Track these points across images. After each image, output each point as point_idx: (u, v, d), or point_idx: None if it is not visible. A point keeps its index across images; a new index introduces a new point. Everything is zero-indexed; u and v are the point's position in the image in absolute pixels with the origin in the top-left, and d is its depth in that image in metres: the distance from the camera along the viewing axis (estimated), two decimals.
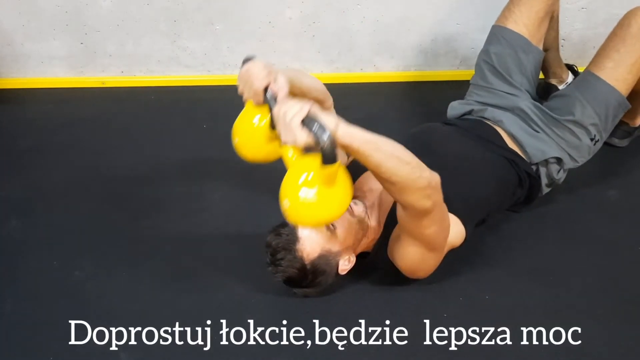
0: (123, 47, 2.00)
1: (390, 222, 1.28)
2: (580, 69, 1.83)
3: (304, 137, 0.94)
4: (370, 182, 1.37)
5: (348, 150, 1.00)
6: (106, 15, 1.93)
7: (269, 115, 1.08)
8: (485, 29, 1.66)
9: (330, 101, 1.33)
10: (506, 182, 1.41)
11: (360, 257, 1.34)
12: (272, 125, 1.06)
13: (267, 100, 1.04)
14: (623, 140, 1.74)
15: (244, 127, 1.16)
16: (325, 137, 0.92)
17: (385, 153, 1.02)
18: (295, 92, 1.16)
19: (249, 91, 1.09)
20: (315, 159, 0.95)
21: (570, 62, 1.89)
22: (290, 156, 1.03)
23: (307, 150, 0.96)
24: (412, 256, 1.22)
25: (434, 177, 1.08)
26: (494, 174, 1.39)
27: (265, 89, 1.07)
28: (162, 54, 2.02)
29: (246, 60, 1.10)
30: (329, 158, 0.94)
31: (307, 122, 0.93)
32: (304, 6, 1.93)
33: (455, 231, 1.26)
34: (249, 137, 1.15)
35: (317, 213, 1.00)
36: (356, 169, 1.39)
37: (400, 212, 1.15)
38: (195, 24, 1.96)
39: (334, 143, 0.93)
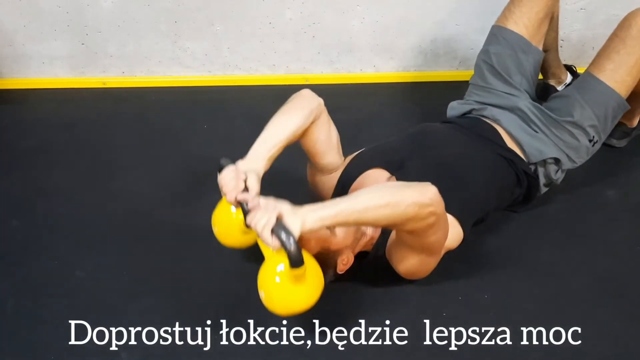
0: (124, 48, 2.00)
1: None
2: (579, 70, 1.84)
3: (275, 243, 1.03)
4: (368, 181, 1.37)
5: (329, 228, 1.07)
6: (107, 15, 1.93)
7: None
8: (484, 29, 1.66)
9: (314, 115, 1.31)
10: (504, 181, 1.41)
11: (360, 256, 1.34)
12: (247, 225, 1.15)
13: (241, 205, 1.14)
14: (621, 140, 1.75)
15: (221, 219, 1.25)
16: (290, 245, 1.02)
17: (369, 211, 1.05)
18: (287, 144, 1.26)
19: (225, 194, 1.16)
20: (285, 258, 1.05)
21: (569, 63, 1.89)
22: (266, 249, 1.11)
23: (280, 252, 1.05)
24: (412, 262, 1.23)
25: (427, 193, 1.08)
26: (492, 173, 1.39)
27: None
28: (163, 55, 2.03)
29: (220, 168, 1.18)
30: (294, 262, 1.03)
31: (275, 230, 1.02)
32: (304, 7, 1.94)
33: (453, 232, 1.26)
34: (226, 228, 1.25)
35: (289, 306, 1.11)
36: (356, 168, 1.40)
37: (401, 234, 1.16)
38: (195, 24, 1.97)
39: (298, 249, 1.02)
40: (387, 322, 1.28)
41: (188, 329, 1.28)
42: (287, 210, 1.04)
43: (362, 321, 1.29)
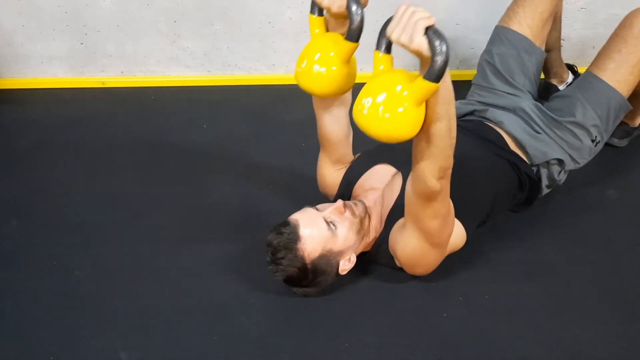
0: (123, 48, 2.00)
1: (392, 219, 1.29)
2: (580, 69, 1.84)
3: (423, 43, 0.91)
4: (372, 180, 1.37)
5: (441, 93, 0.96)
6: (106, 15, 1.93)
7: (346, 28, 1.05)
8: (484, 29, 1.66)
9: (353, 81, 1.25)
10: (507, 184, 1.41)
11: (361, 255, 1.34)
12: (351, 36, 1.03)
13: (352, 9, 1.02)
14: (622, 140, 1.75)
15: (315, 49, 1.09)
16: (445, 52, 0.89)
17: (450, 112, 1.00)
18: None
19: None
20: (409, 76, 0.93)
21: (570, 62, 1.89)
22: (379, 67, 0.99)
23: (419, 56, 0.92)
24: (414, 248, 1.22)
25: (451, 165, 1.09)
26: (495, 176, 1.39)
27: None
28: (162, 54, 2.02)
29: None
30: (439, 75, 0.91)
31: (431, 32, 0.89)
32: (303, 6, 1.93)
33: (456, 233, 1.27)
34: (322, 59, 1.09)
35: (394, 127, 0.96)
36: (362, 164, 1.40)
37: (408, 189, 1.15)
38: (195, 24, 1.97)
39: (447, 62, 0.90)
40: (387, 322, 1.28)
41: (188, 329, 1.28)
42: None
43: (362, 321, 1.29)
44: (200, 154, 1.77)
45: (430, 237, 1.20)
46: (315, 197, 1.47)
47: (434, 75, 0.91)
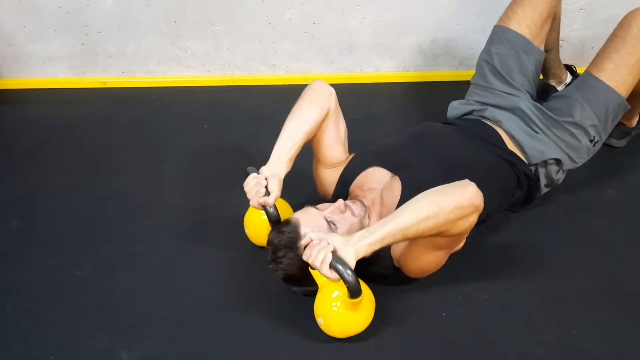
0: (124, 48, 2.01)
1: None
2: (579, 70, 1.84)
3: (333, 276, 1.10)
4: (370, 180, 1.37)
5: (383, 247, 1.12)
6: (107, 16, 1.94)
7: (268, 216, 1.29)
8: (484, 29, 1.66)
9: (326, 109, 1.38)
10: (505, 183, 1.41)
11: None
12: (271, 225, 1.29)
13: (264, 208, 1.27)
14: (621, 140, 1.75)
15: (251, 221, 1.40)
16: (349, 276, 1.09)
17: (417, 226, 1.10)
18: (305, 142, 1.33)
19: (250, 199, 1.27)
20: (342, 287, 1.13)
21: (569, 63, 1.89)
22: (321, 278, 1.18)
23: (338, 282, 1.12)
24: (429, 259, 1.24)
25: (467, 194, 1.12)
26: (493, 175, 1.39)
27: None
28: (163, 55, 2.03)
29: (245, 176, 1.30)
30: (354, 293, 1.12)
31: (333, 264, 1.09)
32: (303, 7, 1.94)
33: None
34: (256, 229, 1.39)
35: (346, 330, 1.22)
36: (357, 166, 1.40)
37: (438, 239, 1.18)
38: (195, 24, 1.97)
39: (357, 280, 1.10)
40: (387, 321, 1.28)
41: (188, 329, 1.28)
42: (340, 243, 1.11)
43: None
44: (200, 154, 1.77)
45: (450, 248, 1.24)
46: (315, 196, 1.47)
47: (353, 293, 1.12)
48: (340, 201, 1.28)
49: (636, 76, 1.44)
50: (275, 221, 1.28)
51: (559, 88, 1.83)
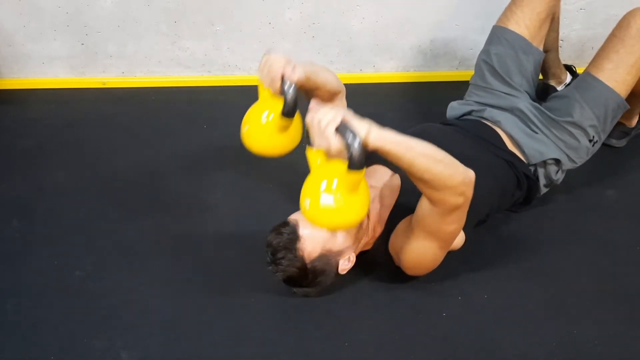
0: (124, 48, 2.01)
1: (393, 218, 1.29)
2: (579, 70, 1.84)
3: (337, 143, 1.00)
4: (371, 178, 1.37)
5: (381, 153, 1.05)
6: (107, 16, 1.94)
7: (282, 104, 1.14)
8: (484, 30, 1.66)
9: (342, 93, 1.37)
10: (505, 184, 1.42)
11: (360, 254, 1.34)
12: (285, 113, 1.13)
13: (283, 89, 1.11)
14: (620, 140, 1.75)
15: (256, 115, 1.19)
16: (356, 145, 0.97)
17: (418, 153, 1.06)
18: (310, 86, 1.23)
19: (266, 79, 1.14)
20: (341, 165, 1.01)
21: (569, 63, 1.89)
22: (317, 160, 1.07)
23: (339, 155, 1.00)
24: (423, 252, 1.23)
25: (468, 174, 1.11)
26: (493, 175, 1.39)
27: (283, 79, 1.13)
28: (163, 55, 2.03)
29: (267, 53, 1.16)
30: (356, 165, 0.99)
31: (340, 129, 0.98)
32: (303, 7, 1.94)
33: None
34: (260, 125, 1.18)
35: (336, 218, 1.05)
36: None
37: (426, 210, 1.16)
38: (195, 24, 1.97)
39: (363, 151, 0.98)
40: (387, 321, 1.28)
41: (188, 329, 1.28)
42: (352, 116, 1.02)
43: (362, 321, 1.29)
44: (200, 154, 1.77)
45: (443, 241, 1.22)
46: None
47: (355, 164, 0.99)
48: None
49: (635, 76, 1.44)
50: (293, 105, 1.12)
51: (559, 88, 1.83)
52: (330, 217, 1.05)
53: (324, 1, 1.94)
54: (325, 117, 1.00)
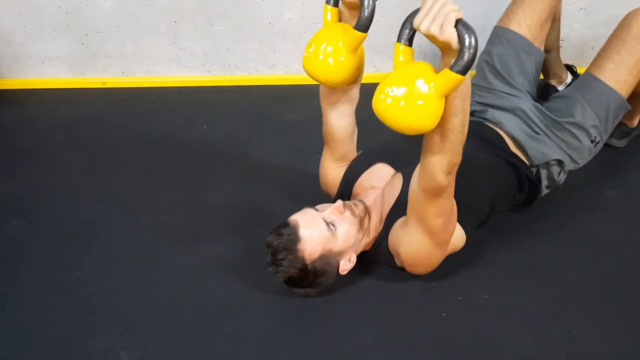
0: (123, 48, 2.00)
1: (392, 218, 1.29)
2: (579, 70, 1.84)
3: (454, 34, 0.91)
4: (372, 179, 1.37)
5: (453, 85, 0.96)
6: (106, 16, 1.93)
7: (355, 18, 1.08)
8: (484, 30, 1.65)
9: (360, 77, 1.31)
10: (506, 185, 1.41)
11: (361, 254, 1.34)
12: (359, 26, 1.06)
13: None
14: (621, 140, 1.75)
15: (324, 36, 1.13)
16: (474, 46, 0.89)
17: (466, 108, 1.02)
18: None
19: None
20: (430, 68, 0.93)
21: (569, 63, 1.89)
22: (400, 58, 0.99)
23: (446, 48, 0.92)
24: (417, 246, 1.23)
25: (459, 162, 1.12)
26: (496, 177, 1.39)
27: None
28: (163, 55, 2.03)
29: None
30: (466, 67, 0.91)
31: (463, 23, 0.90)
32: (303, 7, 1.94)
33: (456, 234, 1.27)
34: (329, 46, 1.12)
35: (415, 118, 0.97)
36: (361, 164, 1.40)
37: (414, 185, 1.16)
38: (195, 24, 1.97)
39: (475, 56, 0.91)
40: (387, 321, 1.28)
41: (188, 329, 1.28)
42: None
43: (362, 321, 1.29)
44: (200, 154, 1.77)
45: (433, 235, 1.20)
46: (315, 196, 1.47)
47: (462, 67, 0.91)
48: (339, 202, 1.28)
49: (637, 76, 1.44)
50: (367, 22, 1.07)
51: (560, 88, 1.83)
52: (409, 115, 0.96)
53: (324, 1, 1.93)
54: (449, 4, 0.90)
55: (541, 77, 1.79)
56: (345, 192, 1.40)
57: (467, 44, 0.90)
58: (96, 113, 1.95)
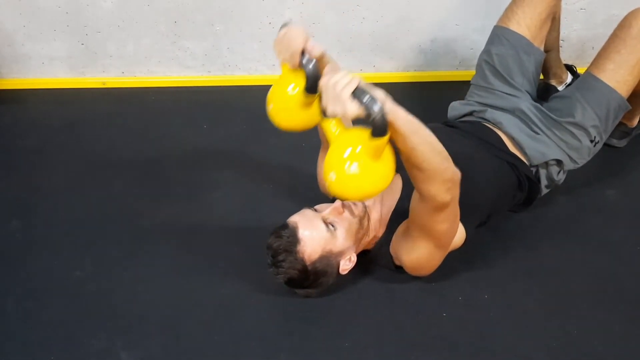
0: (123, 48, 2.00)
1: (394, 219, 1.29)
2: (579, 70, 1.84)
3: (354, 108, 0.94)
4: None
5: (390, 128, 0.99)
6: (107, 16, 1.93)
7: (304, 80, 1.10)
8: (484, 29, 1.66)
9: None
10: (506, 185, 1.41)
11: (361, 254, 1.34)
12: (308, 89, 1.08)
13: (303, 63, 1.06)
14: (621, 140, 1.75)
15: (279, 93, 1.16)
16: (376, 109, 0.92)
17: (422, 137, 1.04)
18: (324, 64, 1.16)
19: (285, 53, 1.10)
20: (361, 132, 0.95)
21: (569, 63, 1.89)
22: (333, 130, 1.02)
23: (356, 122, 0.95)
24: (421, 252, 1.23)
25: (457, 173, 1.11)
26: (495, 177, 1.39)
27: (303, 53, 1.09)
28: (163, 55, 2.03)
29: (284, 25, 1.12)
30: (380, 130, 0.93)
31: (358, 93, 0.92)
32: (303, 7, 1.94)
33: (457, 233, 1.27)
34: (284, 103, 1.15)
35: (364, 186, 1.00)
36: None
37: (416, 204, 1.16)
38: (195, 24, 1.97)
39: (385, 115, 0.93)
40: (387, 322, 1.28)
41: (188, 329, 1.28)
42: (367, 82, 0.96)
43: (363, 321, 1.29)
44: (200, 154, 1.77)
45: (437, 240, 1.21)
46: (315, 196, 1.47)
47: (378, 130, 0.94)
48: (338, 202, 1.28)
49: (637, 76, 1.44)
50: (314, 83, 1.08)
51: (560, 88, 1.83)
52: (358, 186, 1.00)
53: (324, 1, 1.93)
54: (341, 81, 0.94)
55: (541, 77, 1.79)
56: None
57: (370, 110, 0.92)
58: (96, 113, 1.95)
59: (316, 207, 1.31)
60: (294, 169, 1.68)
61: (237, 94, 2.05)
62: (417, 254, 1.24)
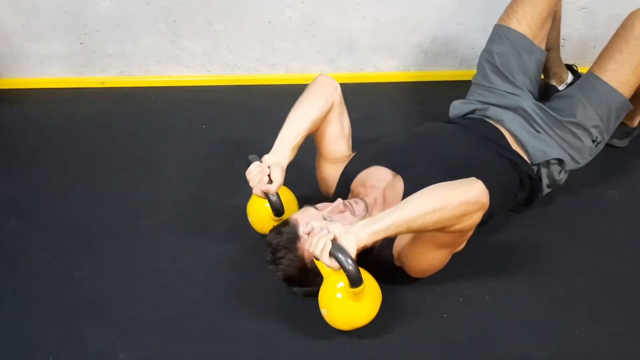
0: (122, 47, 2.00)
1: None
2: (581, 69, 1.84)
3: (333, 264, 1.08)
4: (372, 178, 1.37)
5: (385, 237, 1.11)
6: (105, 15, 1.93)
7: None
8: (485, 29, 1.65)
9: (330, 102, 1.39)
10: (508, 184, 1.41)
11: (363, 254, 1.34)
12: (275, 215, 1.29)
13: (266, 196, 1.26)
14: (623, 140, 1.75)
15: (254, 209, 1.40)
16: (349, 265, 1.06)
17: (418, 219, 1.08)
18: (308, 133, 1.33)
19: (252, 184, 1.27)
20: (344, 278, 1.10)
21: (570, 62, 1.89)
22: (324, 268, 1.16)
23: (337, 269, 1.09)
24: (432, 258, 1.24)
25: (475, 190, 1.10)
26: (496, 175, 1.38)
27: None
28: (162, 54, 2.02)
29: (247, 164, 1.28)
30: (354, 282, 1.09)
31: (333, 252, 1.07)
32: (303, 6, 1.93)
33: None
34: (259, 217, 1.38)
35: (351, 322, 1.19)
36: (359, 164, 1.40)
37: (441, 235, 1.17)
38: (194, 23, 1.96)
39: (357, 269, 1.08)
40: (387, 322, 1.28)
41: (188, 329, 1.27)
42: (340, 231, 1.08)
43: None
44: (200, 154, 1.77)
45: (451, 247, 1.23)
46: (315, 196, 1.46)
47: (353, 281, 1.09)
48: (339, 200, 1.28)
49: (639, 76, 1.44)
50: (278, 209, 1.28)
51: (560, 88, 1.83)
52: (345, 322, 1.19)
53: (324, 0, 1.93)
54: (318, 246, 1.07)
55: (541, 77, 1.79)
56: (343, 191, 1.40)
57: (344, 267, 1.07)
58: (95, 112, 1.95)
59: (317, 205, 1.30)
60: (293, 168, 1.67)
61: (236, 93, 2.04)
62: (428, 260, 1.24)
